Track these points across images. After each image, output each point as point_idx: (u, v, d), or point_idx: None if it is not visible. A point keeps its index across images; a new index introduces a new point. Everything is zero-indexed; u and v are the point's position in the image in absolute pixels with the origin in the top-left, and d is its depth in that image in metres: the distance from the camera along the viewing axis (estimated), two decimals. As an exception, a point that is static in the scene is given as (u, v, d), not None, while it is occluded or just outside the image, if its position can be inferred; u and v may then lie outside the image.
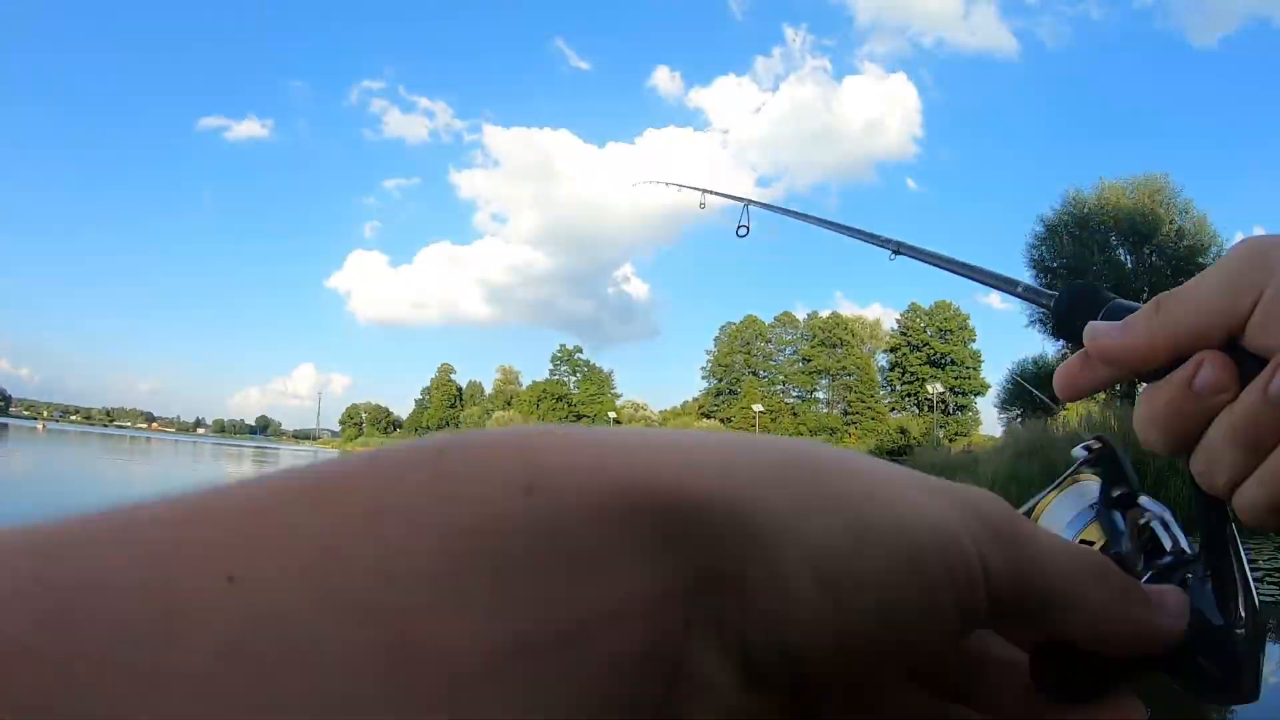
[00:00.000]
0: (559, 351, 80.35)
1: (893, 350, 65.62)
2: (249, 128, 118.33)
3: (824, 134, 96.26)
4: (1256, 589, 0.37)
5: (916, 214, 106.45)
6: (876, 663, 0.22)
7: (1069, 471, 0.48)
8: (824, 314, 69.12)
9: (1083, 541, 0.44)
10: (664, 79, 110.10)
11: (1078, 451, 0.48)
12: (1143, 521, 0.43)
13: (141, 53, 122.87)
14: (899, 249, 1.22)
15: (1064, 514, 0.47)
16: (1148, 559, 0.40)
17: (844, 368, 65.16)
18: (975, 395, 62.01)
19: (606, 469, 0.19)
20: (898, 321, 66.70)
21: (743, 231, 2.25)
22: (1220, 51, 79.88)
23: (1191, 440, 0.37)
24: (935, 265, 0.98)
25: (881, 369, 66.53)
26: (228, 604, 0.15)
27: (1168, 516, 0.44)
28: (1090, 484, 0.47)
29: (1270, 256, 0.36)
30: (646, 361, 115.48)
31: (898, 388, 64.91)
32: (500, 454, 0.19)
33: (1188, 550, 0.39)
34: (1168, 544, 0.41)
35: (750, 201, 2.27)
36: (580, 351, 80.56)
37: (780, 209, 2.04)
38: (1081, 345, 0.44)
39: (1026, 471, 18.71)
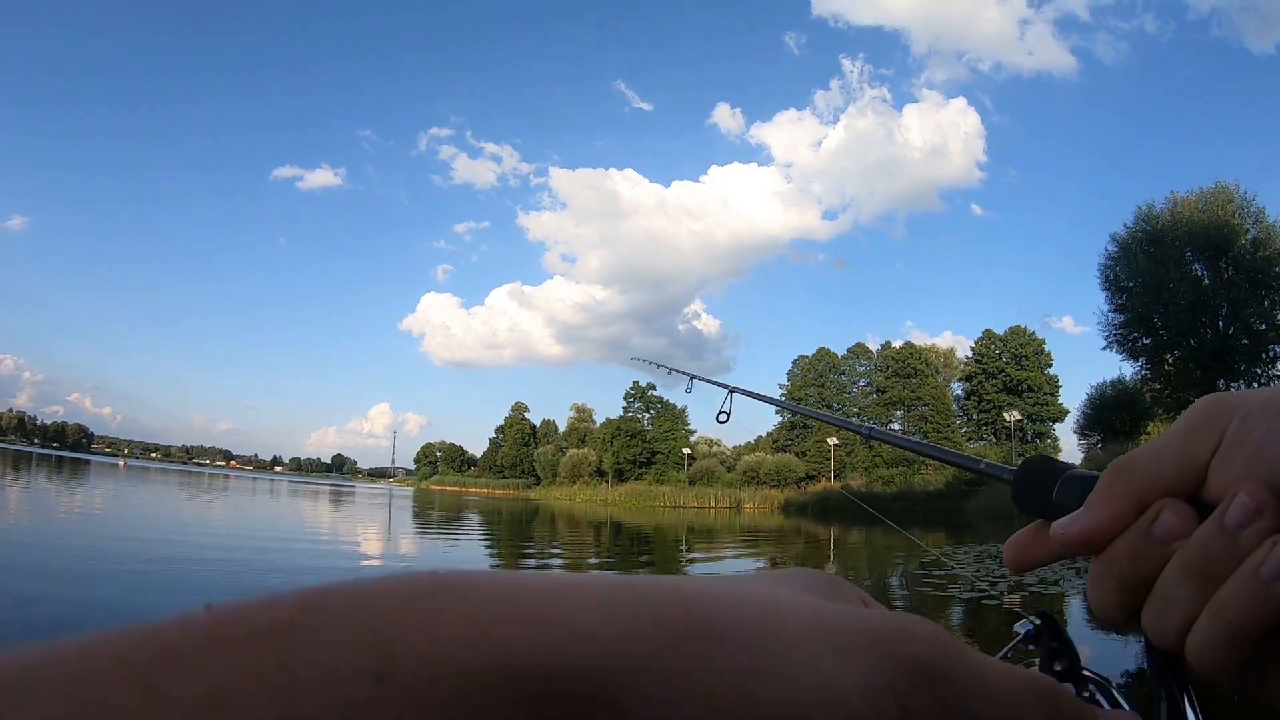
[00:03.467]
0: (632, 388, 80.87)
1: (968, 378, 64.50)
2: (322, 176, 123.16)
3: (887, 163, 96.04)
4: None
5: (983, 240, 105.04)
6: None
7: (1006, 648, 0.49)
8: (897, 344, 68.28)
9: None
10: (725, 116, 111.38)
11: (1019, 627, 0.48)
12: (1085, 695, 0.43)
13: (218, 108, 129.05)
14: (870, 434, 1.32)
15: None
16: None
17: (919, 398, 64.23)
18: (1054, 422, 60.56)
19: (464, 648, 0.18)
20: (972, 349, 65.63)
21: (723, 418, 2.29)
22: (1277, 56, 77.46)
23: (1145, 590, 0.38)
24: (901, 447, 1.11)
25: (957, 398, 65.44)
26: None
27: (1111, 688, 0.45)
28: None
29: (1228, 404, 0.38)
30: (719, 397, 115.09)
31: (974, 416, 63.72)
32: (352, 634, 0.17)
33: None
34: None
35: (733, 389, 2.30)
36: (653, 388, 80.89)
37: (763, 397, 2.10)
38: (1039, 516, 0.45)
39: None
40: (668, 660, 0.19)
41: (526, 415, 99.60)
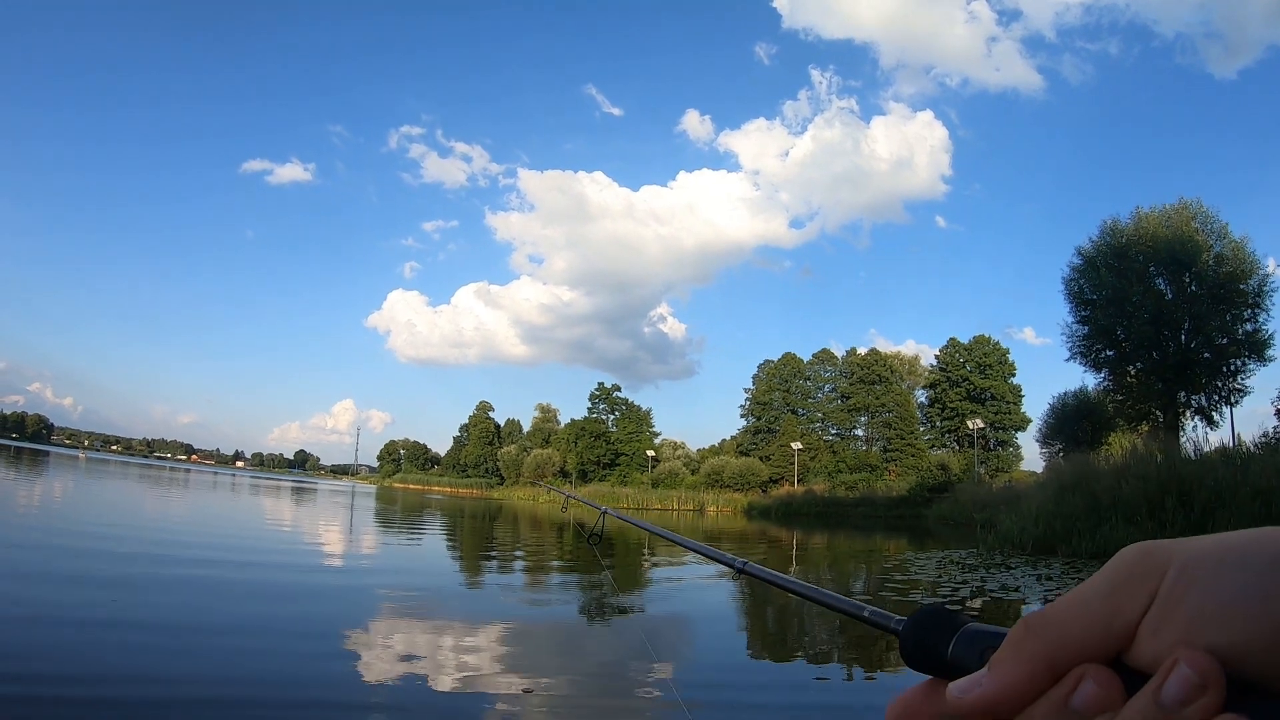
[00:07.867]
0: (597, 390, 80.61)
1: (932, 386, 65.03)
2: (291, 171, 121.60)
3: (853, 174, 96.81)
4: None
5: (946, 251, 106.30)
6: None
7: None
8: (862, 351, 68.62)
9: None
10: (694, 123, 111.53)
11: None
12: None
13: (190, 98, 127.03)
14: (743, 569, 1.24)
15: None
16: None
17: (883, 404, 64.62)
18: (1016, 430, 61.20)
19: None
20: (936, 357, 66.18)
21: (595, 540, 2.29)
22: (1239, 82, 79.61)
23: None
24: (780, 587, 0.97)
25: (921, 405, 65.90)
26: None
27: None
28: None
29: (1161, 555, 0.33)
30: (684, 400, 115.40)
31: (938, 424, 64.22)
32: None
33: None
34: None
35: (606, 511, 2.27)
36: (619, 390, 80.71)
37: (635, 523, 2.04)
38: (931, 674, 0.40)
39: (1070, 506, 18.48)
40: None
41: (491, 415, 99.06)
